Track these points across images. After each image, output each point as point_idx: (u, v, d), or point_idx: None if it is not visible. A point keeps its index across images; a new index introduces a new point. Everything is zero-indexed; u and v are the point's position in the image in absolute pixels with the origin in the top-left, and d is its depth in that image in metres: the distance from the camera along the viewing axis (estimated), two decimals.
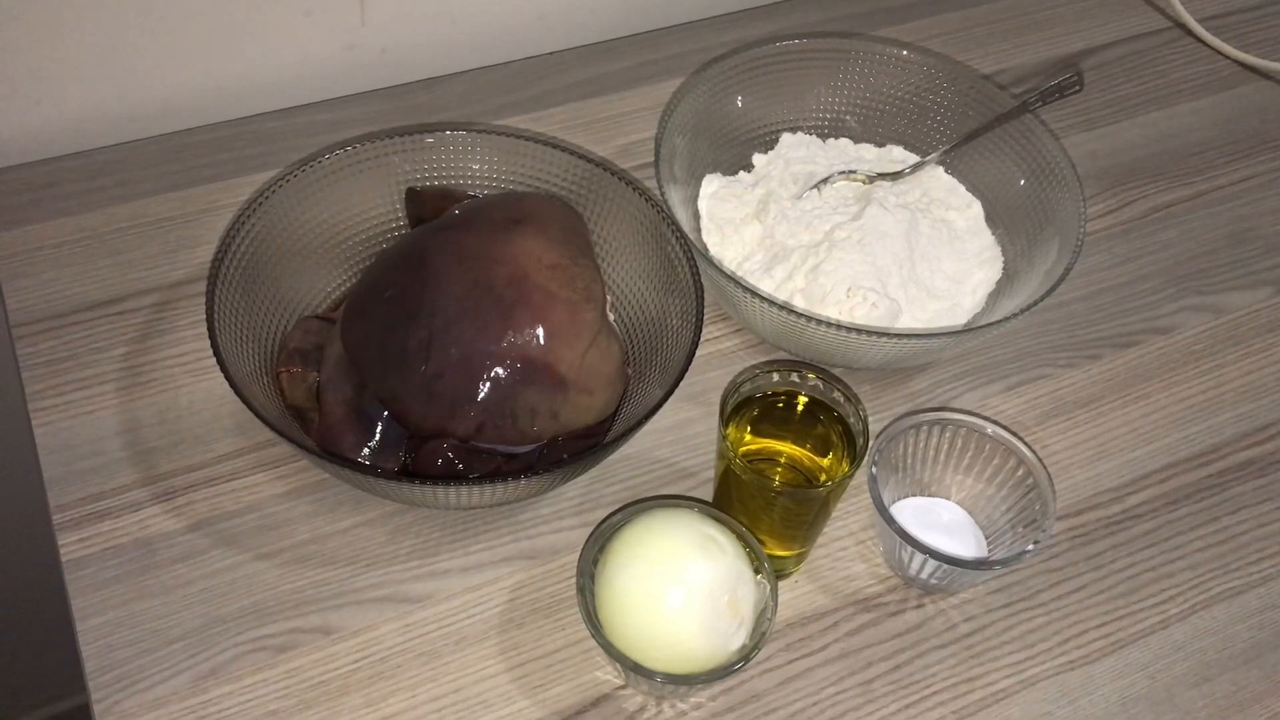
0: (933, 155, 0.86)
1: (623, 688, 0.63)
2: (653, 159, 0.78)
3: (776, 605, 0.60)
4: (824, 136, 0.88)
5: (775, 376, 0.67)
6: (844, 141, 0.88)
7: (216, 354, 0.63)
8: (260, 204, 0.70)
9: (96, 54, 0.83)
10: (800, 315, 0.70)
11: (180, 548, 0.66)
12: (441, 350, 0.65)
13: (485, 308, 0.66)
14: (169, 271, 0.79)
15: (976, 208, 0.84)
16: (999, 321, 0.72)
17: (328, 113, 0.90)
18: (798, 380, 0.67)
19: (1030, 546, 0.65)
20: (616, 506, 0.70)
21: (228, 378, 0.62)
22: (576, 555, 0.66)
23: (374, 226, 0.76)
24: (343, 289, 0.75)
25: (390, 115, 0.90)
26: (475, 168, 0.77)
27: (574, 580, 0.65)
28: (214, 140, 0.87)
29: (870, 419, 0.66)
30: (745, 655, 0.59)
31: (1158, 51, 1.05)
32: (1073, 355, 0.82)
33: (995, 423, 0.69)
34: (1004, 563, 0.64)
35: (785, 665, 0.65)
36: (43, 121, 0.85)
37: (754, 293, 0.71)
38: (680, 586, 0.58)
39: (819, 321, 0.70)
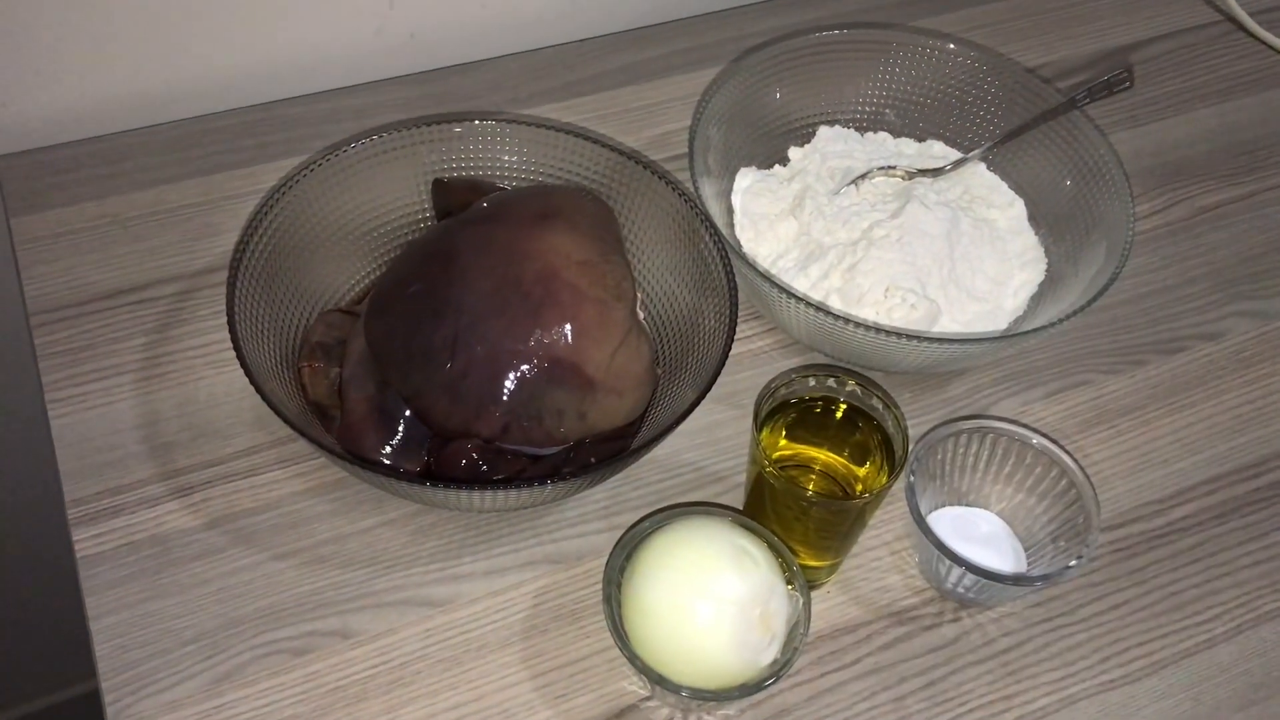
0: (975, 152, 0.83)
1: (649, 699, 0.61)
2: (686, 151, 0.76)
3: (810, 620, 0.58)
4: (862, 130, 0.86)
5: (812, 381, 0.64)
6: (883, 135, 0.86)
7: (236, 347, 0.61)
8: (284, 193, 0.68)
9: (119, 37, 0.82)
10: (836, 316, 0.68)
11: (197, 545, 0.65)
12: (467, 348, 0.63)
13: (512, 305, 0.64)
14: (190, 260, 0.77)
15: (1019, 207, 0.82)
16: (1042, 328, 0.70)
17: (354, 98, 0.88)
18: (835, 386, 0.64)
19: (1073, 563, 0.62)
20: (644, 510, 0.68)
21: (247, 372, 0.60)
22: (602, 560, 0.65)
23: (400, 218, 0.74)
24: (367, 282, 0.74)
25: (417, 101, 0.88)
26: (504, 159, 0.75)
27: (599, 587, 0.63)
28: (238, 125, 0.85)
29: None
30: (776, 672, 0.57)
31: (1208, 46, 1.02)
32: (1116, 361, 0.79)
33: (1037, 431, 0.66)
34: (1045, 579, 0.62)
35: (816, 679, 0.63)
36: (64, 105, 0.83)
37: (789, 292, 0.69)
38: (710, 599, 0.56)
39: (855, 323, 0.68)
